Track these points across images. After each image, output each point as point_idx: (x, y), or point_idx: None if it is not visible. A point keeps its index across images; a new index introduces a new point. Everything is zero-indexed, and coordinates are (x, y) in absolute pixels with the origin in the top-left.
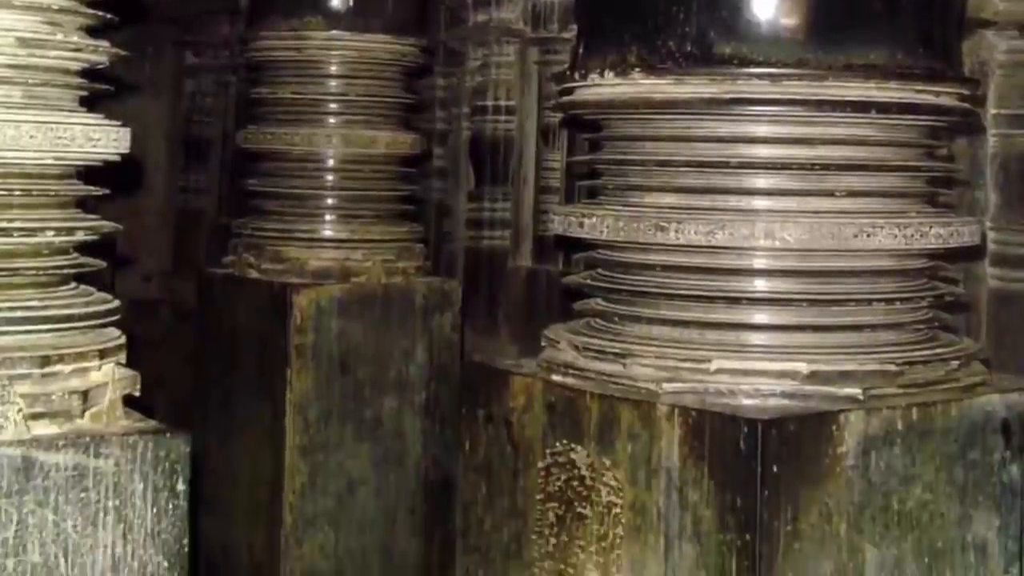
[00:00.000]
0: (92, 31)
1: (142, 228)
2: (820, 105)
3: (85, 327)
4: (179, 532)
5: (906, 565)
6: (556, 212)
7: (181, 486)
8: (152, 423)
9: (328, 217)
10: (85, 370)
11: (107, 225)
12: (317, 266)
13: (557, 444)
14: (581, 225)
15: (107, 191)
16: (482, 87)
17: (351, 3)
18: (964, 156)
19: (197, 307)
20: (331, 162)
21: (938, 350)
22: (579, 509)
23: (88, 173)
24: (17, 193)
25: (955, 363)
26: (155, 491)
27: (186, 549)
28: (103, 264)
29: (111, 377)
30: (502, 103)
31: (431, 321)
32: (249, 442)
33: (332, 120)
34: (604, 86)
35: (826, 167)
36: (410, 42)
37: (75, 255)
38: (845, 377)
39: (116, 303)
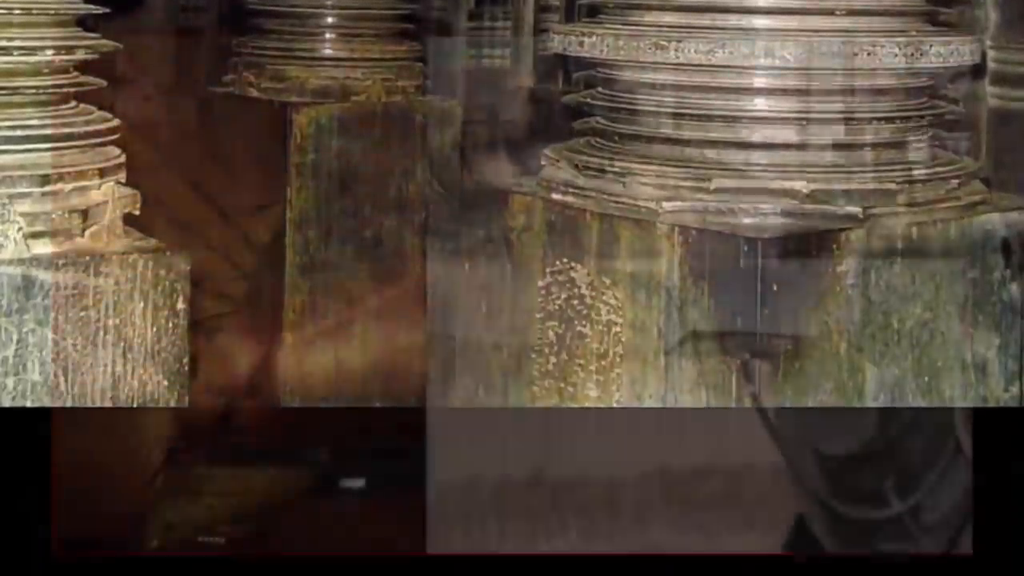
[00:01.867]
0: None
1: (142, 47)
2: None
3: (85, 146)
4: (179, 351)
5: (906, 384)
6: (556, 31)
7: (181, 305)
8: (152, 242)
9: (328, 36)
10: (85, 189)
11: (107, 44)
12: (317, 85)
13: (557, 263)
14: (581, 44)
15: (107, 9)
16: None
17: None
18: None
19: (197, 126)
20: None
21: (938, 169)
22: (579, 328)
23: None
24: (16, 12)
25: (955, 182)
26: (155, 310)
27: (186, 368)
28: (103, 83)
29: (111, 196)
30: None
31: (431, 140)
32: None
33: None
34: None
35: None
36: None
37: (75, 74)
38: (845, 196)
39: (116, 122)
